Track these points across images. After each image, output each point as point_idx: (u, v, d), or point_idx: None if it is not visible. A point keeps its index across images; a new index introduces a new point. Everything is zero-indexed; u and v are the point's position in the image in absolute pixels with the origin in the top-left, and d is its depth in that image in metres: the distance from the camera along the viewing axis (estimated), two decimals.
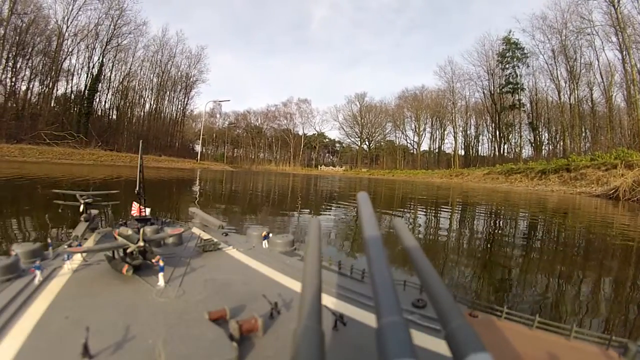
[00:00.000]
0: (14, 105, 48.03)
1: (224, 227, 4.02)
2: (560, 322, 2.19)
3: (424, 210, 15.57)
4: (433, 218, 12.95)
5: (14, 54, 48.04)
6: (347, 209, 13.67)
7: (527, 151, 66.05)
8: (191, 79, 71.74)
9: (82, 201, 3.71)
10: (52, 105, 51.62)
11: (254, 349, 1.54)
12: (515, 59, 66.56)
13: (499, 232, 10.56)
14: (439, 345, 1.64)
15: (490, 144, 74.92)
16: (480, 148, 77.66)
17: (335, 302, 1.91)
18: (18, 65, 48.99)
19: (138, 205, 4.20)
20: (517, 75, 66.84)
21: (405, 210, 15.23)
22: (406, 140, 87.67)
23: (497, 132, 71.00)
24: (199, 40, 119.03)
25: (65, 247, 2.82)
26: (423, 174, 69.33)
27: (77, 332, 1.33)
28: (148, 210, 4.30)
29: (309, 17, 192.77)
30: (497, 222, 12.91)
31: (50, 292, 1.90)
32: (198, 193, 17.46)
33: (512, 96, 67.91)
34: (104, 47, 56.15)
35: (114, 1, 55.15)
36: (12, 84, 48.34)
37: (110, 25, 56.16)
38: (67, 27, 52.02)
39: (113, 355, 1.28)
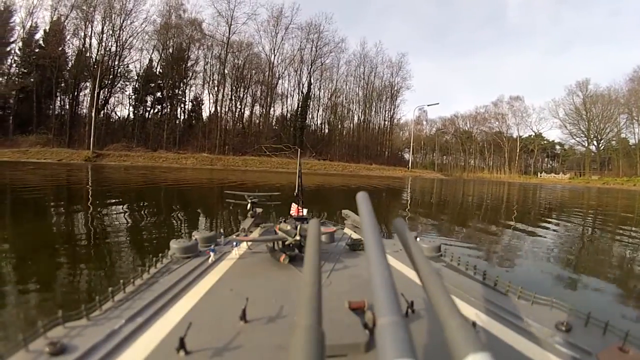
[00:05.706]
0: (240, 125, 60.62)
1: None
2: None
3: None
4: None
5: (236, 86, 60.87)
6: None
7: None
8: (395, 87, 71.85)
9: (249, 201, 4.29)
10: (272, 123, 62.80)
11: None
12: None
13: None
14: None
15: None
16: None
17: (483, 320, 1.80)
18: (241, 95, 61.99)
19: (296, 206, 4.65)
20: None
21: None
22: None
23: None
24: (398, 49, 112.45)
25: (234, 236, 3.27)
26: None
27: (238, 301, 1.62)
28: (305, 210, 4.70)
29: (503, 4, 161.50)
30: None
31: (220, 269, 2.29)
32: (408, 203, 16.01)
33: None
34: (309, 69, 64.11)
35: (311, 26, 62.59)
36: (238, 110, 61.34)
37: (311, 48, 63.69)
38: (275, 56, 62.58)
39: (264, 325, 1.53)
